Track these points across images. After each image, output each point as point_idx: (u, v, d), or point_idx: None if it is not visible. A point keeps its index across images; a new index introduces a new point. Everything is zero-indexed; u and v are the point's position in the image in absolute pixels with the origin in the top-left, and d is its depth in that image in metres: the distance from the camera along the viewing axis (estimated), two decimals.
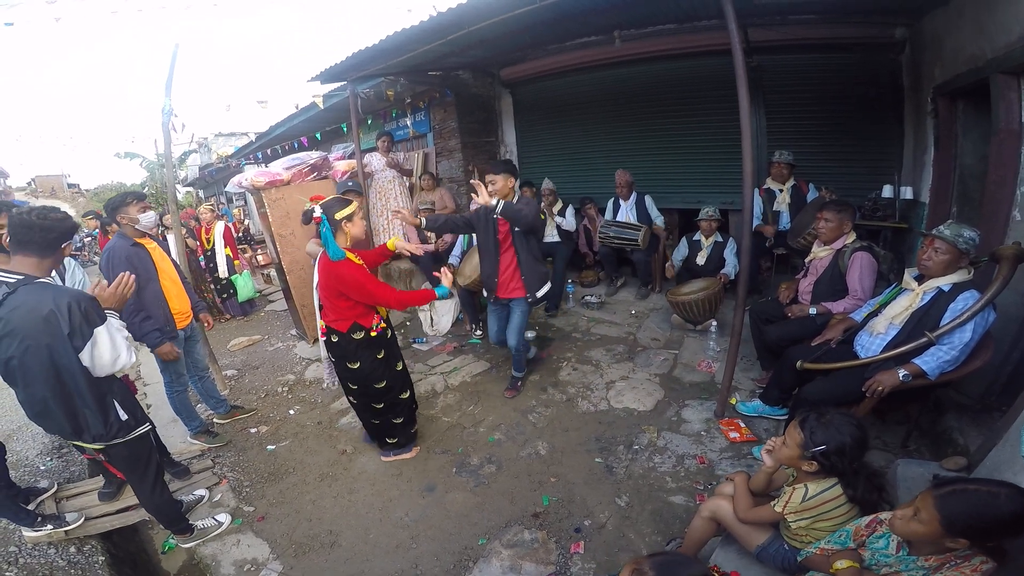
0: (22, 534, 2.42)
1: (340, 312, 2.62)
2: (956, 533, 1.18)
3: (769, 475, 1.75)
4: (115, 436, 2.03)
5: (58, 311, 1.75)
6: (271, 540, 2.51)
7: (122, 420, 2.04)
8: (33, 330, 1.75)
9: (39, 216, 1.82)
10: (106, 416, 1.98)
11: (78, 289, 2.06)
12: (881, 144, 4.41)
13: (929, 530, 1.21)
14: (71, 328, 1.77)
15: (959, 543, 1.19)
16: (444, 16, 3.28)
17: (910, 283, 2.42)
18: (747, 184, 2.68)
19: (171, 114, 3.79)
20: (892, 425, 2.76)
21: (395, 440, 3.00)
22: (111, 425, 2.00)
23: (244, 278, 6.38)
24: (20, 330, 1.75)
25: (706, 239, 4.51)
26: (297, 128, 8.22)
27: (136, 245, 2.84)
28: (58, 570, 2.27)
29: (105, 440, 2.02)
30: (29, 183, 37.78)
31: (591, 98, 5.80)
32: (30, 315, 1.74)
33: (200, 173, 17.22)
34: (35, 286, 1.80)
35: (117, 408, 2.02)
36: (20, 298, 1.76)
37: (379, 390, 2.80)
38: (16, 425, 3.66)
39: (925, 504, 1.22)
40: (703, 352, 3.96)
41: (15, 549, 2.38)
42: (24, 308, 1.75)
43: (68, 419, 1.93)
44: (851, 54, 4.33)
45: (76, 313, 1.78)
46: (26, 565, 2.28)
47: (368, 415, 2.95)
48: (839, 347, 2.63)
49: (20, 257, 1.83)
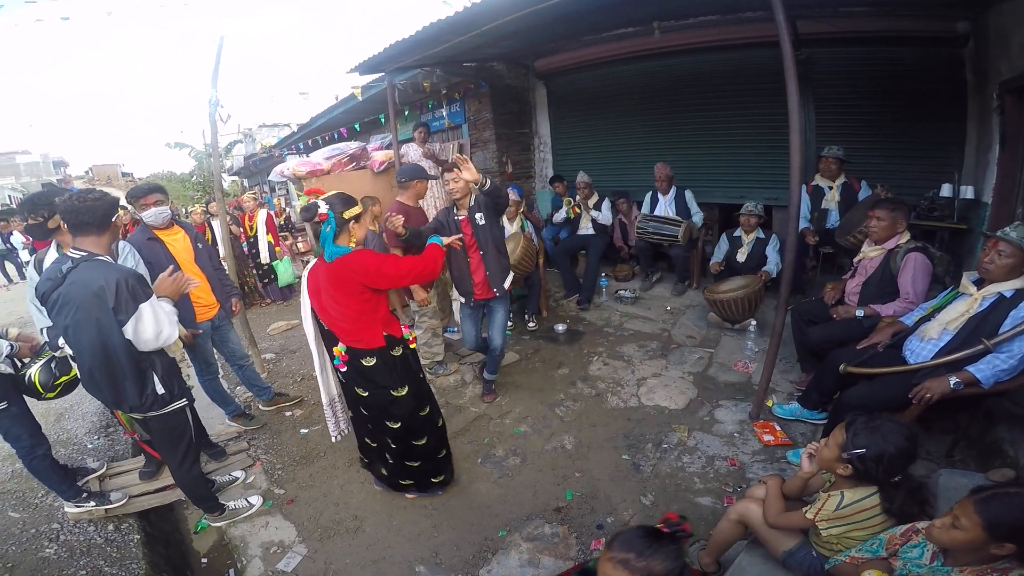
0: (65, 512, 2.57)
1: (366, 323, 2.21)
2: (1001, 538, 1.14)
3: (805, 480, 1.68)
4: (150, 408, 2.12)
5: (107, 286, 1.88)
6: (298, 523, 2.58)
7: (158, 394, 2.11)
8: (85, 302, 1.89)
9: (79, 199, 1.95)
10: (142, 388, 2.07)
11: (128, 267, 2.17)
12: (940, 141, 4.15)
13: (971, 537, 1.17)
14: (116, 303, 1.89)
15: (1006, 548, 1.14)
16: (478, 7, 3.26)
17: (968, 287, 2.27)
18: (794, 179, 2.57)
19: (217, 105, 3.90)
20: (937, 434, 2.61)
21: (442, 477, 2.61)
22: (147, 397, 2.09)
23: (284, 264, 6.57)
24: (74, 301, 1.89)
25: (747, 235, 4.35)
26: (337, 119, 8.39)
27: (152, 239, 2.89)
28: (95, 547, 2.40)
29: (141, 411, 2.12)
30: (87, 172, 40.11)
31: (628, 90, 5.67)
32: (84, 289, 1.88)
33: (245, 162, 17.85)
34: (93, 263, 1.94)
35: (155, 382, 2.10)
36: (79, 273, 1.91)
37: (423, 419, 2.41)
38: (68, 404, 3.85)
39: (965, 511, 1.19)
40: (740, 352, 3.84)
41: (57, 526, 2.53)
42: (80, 282, 1.89)
43: (110, 388, 2.04)
44: (908, 48, 4.08)
45: (123, 290, 1.90)
46: (66, 542, 2.42)
47: (407, 458, 2.48)
48: (886, 351, 2.49)
49: (81, 237, 1.99)
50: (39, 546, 2.40)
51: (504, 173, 6.30)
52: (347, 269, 2.14)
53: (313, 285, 2.27)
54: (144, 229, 2.92)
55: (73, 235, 2.01)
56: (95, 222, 1.98)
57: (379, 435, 2.47)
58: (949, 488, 1.96)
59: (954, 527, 1.20)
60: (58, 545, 2.40)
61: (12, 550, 2.38)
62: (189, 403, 2.31)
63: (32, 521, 2.58)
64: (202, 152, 15.97)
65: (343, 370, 2.31)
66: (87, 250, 1.98)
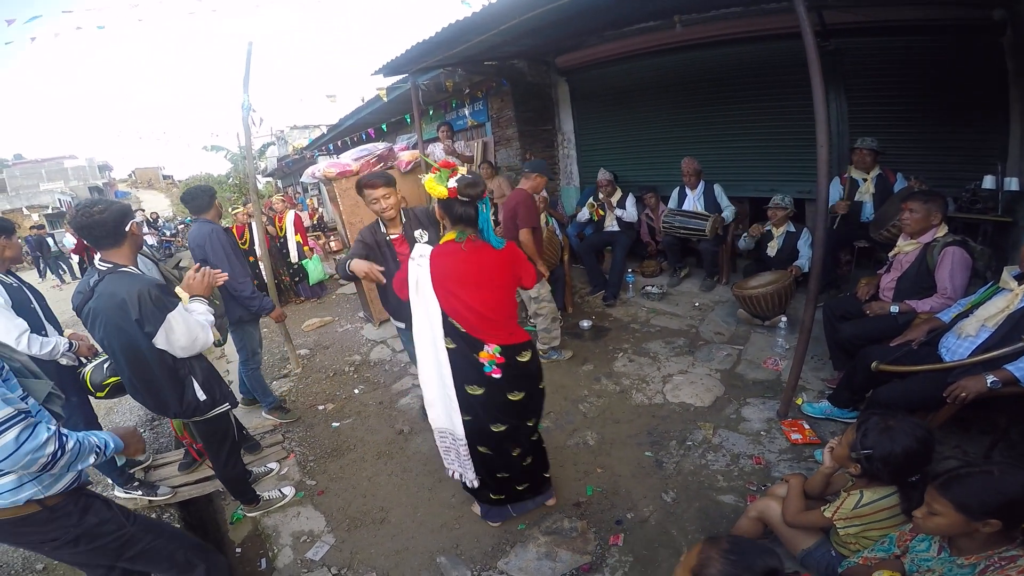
0: (114, 496, 2.70)
1: (514, 317, 2.05)
2: (978, 515, 1.16)
3: (827, 477, 1.66)
4: (192, 414, 2.17)
5: (129, 299, 1.88)
6: (328, 514, 2.67)
7: (199, 400, 2.14)
8: (112, 315, 1.90)
9: (85, 215, 1.91)
10: (181, 395, 2.10)
11: (151, 277, 2.14)
12: (981, 132, 3.95)
13: (950, 521, 1.21)
14: (140, 315, 1.89)
15: (991, 525, 1.15)
16: (496, 6, 3.29)
17: (1009, 282, 2.19)
18: (821, 173, 2.50)
19: (250, 109, 4.03)
20: (976, 435, 2.51)
21: (548, 473, 2.42)
22: (188, 404, 2.12)
23: (314, 262, 6.78)
24: (103, 314, 1.92)
25: (776, 229, 4.25)
26: (364, 120, 8.56)
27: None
28: None
29: (184, 417, 2.19)
30: (130, 175, 42.01)
31: (651, 84, 5.59)
32: (109, 301, 1.90)
33: (278, 164, 18.34)
34: (117, 275, 1.95)
35: (195, 388, 2.12)
36: (104, 285, 1.93)
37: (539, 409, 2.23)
38: (116, 399, 4.05)
39: (932, 497, 1.23)
40: (770, 349, 3.76)
41: None
42: (106, 295, 1.91)
43: (150, 397, 2.11)
44: (942, 36, 3.90)
45: (146, 301, 1.89)
46: None
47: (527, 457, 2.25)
48: (921, 349, 2.42)
49: (103, 251, 1.99)
50: None
51: None
52: (516, 263, 2.00)
53: (446, 276, 1.93)
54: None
55: (97, 249, 2.00)
56: (108, 234, 1.95)
57: (522, 443, 2.18)
58: None
59: (931, 514, 1.24)
60: None
61: None
62: (232, 406, 2.34)
63: None
64: (237, 154, 16.49)
65: (497, 376, 1.98)
66: (112, 262, 1.98)
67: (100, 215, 1.90)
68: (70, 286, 10.49)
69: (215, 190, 3.54)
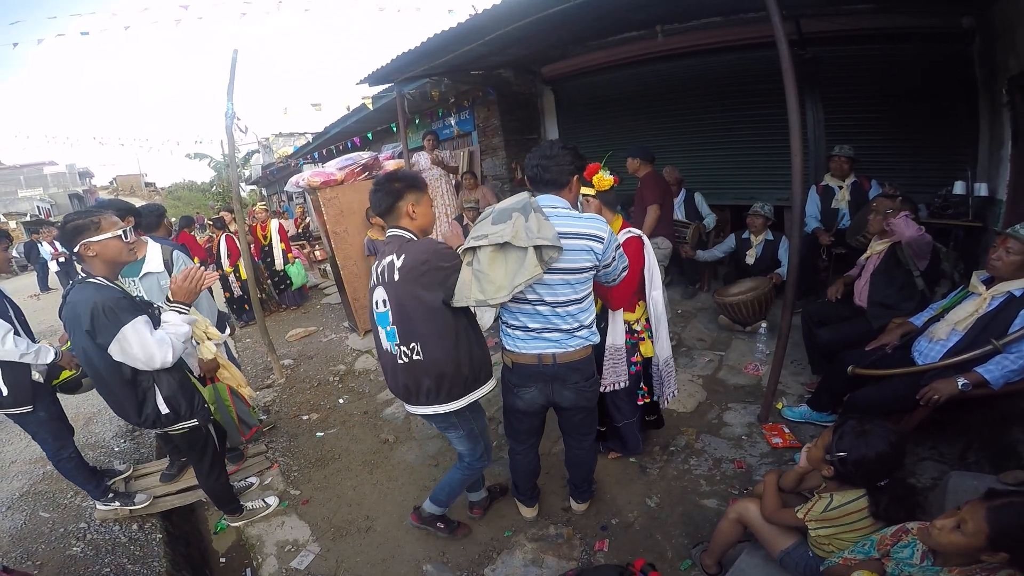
0: (92, 512, 2.67)
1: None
2: (1001, 547, 1.12)
3: (800, 474, 1.72)
4: (152, 426, 2.11)
5: (83, 310, 1.87)
6: (312, 523, 2.65)
7: (161, 413, 2.06)
8: (73, 324, 1.92)
9: (62, 226, 1.97)
10: (140, 407, 2.04)
11: (116, 289, 2.01)
12: (952, 138, 4.09)
13: (972, 542, 1.15)
14: (91, 326, 1.86)
15: (999, 557, 1.12)
16: (480, 17, 3.33)
17: (978, 287, 2.25)
18: (796, 180, 2.58)
19: (234, 117, 4.01)
20: (951, 436, 2.57)
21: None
22: (147, 416, 2.06)
23: (296, 266, 6.80)
24: (68, 323, 1.94)
25: (755, 237, 4.33)
26: (350, 129, 8.56)
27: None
28: (119, 546, 2.48)
29: (143, 428, 2.17)
30: (111, 182, 41.14)
31: (635, 94, 5.69)
32: (71, 311, 1.91)
33: (263, 172, 18.22)
34: (82, 285, 1.94)
35: (158, 401, 2.05)
36: (70, 295, 1.94)
37: None
38: (96, 409, 3.98)
39: (974, 515, 1.15)
40: (751, 354, 3.82)
41: (84, 526, 2.63)
42: (70, 304, 1.92)
43: (113, 404, 2.09)
44: (914, 44, 4.04)
45: (99, 314, 1.86)
46: (92, 541, 2.52)
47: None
48: (895, 353, 2.49)
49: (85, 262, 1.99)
50: (67, 544, 2.50)
51: (514, 179, 6.35)
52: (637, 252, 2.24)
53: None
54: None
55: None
56: (69, 242, 1.95)
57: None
58: (959, 490, 1.94)
59: (958, 530, 1.17)
60: (85, 544, 2.50)
61: (42, 548, 2.48)
62: (203, 423, 2.26)
63: (61, 521, 2.69)
64: (221, 162, 16.35)
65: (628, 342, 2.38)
66: (87, 271, 1.98)
67: (65, 227, 1.93)
68: (48, 296, 10.26)
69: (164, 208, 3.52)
